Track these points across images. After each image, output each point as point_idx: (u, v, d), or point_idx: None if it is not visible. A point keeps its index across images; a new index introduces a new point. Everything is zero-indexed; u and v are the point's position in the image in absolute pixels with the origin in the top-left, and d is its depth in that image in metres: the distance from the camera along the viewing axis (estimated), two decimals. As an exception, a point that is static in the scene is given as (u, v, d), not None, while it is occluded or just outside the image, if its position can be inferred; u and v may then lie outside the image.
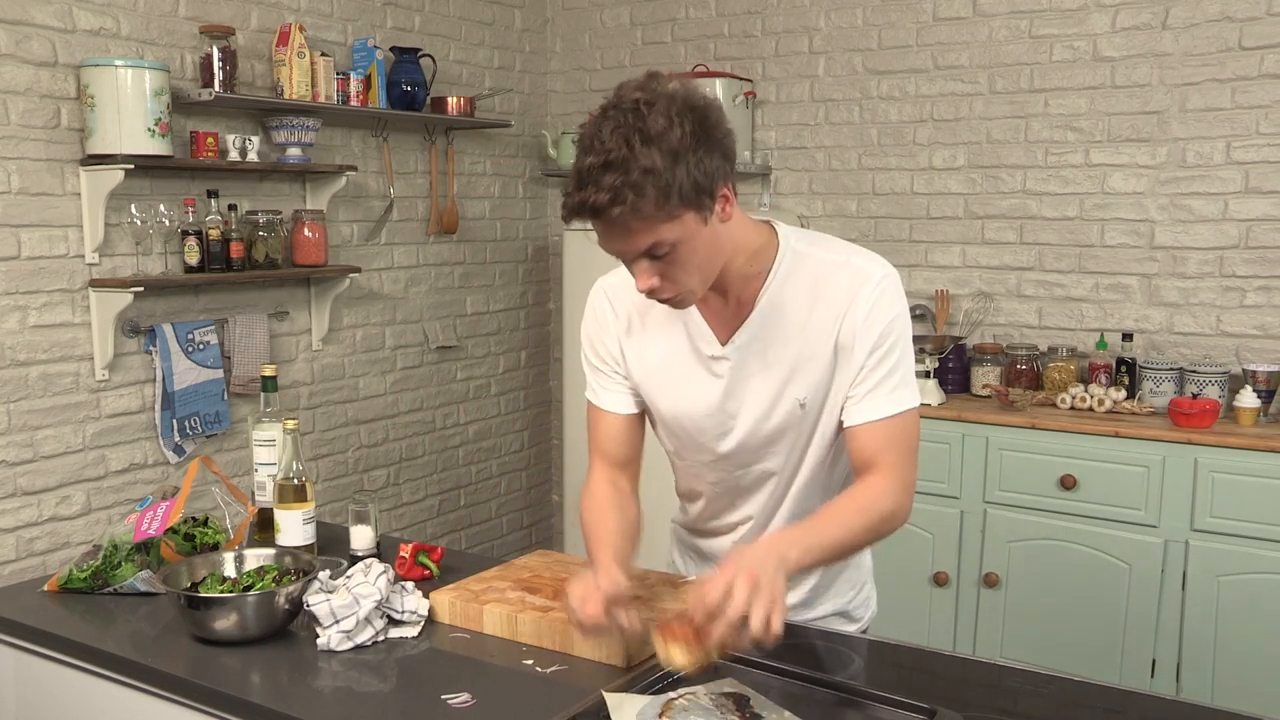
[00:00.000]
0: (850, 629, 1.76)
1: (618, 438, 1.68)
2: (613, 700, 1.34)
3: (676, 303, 1.47)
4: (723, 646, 1.31)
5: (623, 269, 1.50)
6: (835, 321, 1.50)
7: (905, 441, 1.52)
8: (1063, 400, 3.25)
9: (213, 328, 3.23)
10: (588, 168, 1.33)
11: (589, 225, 1.39)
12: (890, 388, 1.50)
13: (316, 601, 1.58)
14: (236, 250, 3.17)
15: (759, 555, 1.34)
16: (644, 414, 1.69)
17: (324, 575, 1.65)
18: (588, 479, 1.70)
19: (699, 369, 1.58)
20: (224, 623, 1.57)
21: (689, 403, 1.60)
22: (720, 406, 1.58)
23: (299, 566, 1.72)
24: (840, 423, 1.54)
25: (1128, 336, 3.36)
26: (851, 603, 1.78)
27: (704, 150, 1.34)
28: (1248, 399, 3.03)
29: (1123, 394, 3.20)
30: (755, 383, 1.55)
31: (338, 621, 1.57)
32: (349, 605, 1.57)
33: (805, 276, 1.53)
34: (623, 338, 1.63)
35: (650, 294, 1.44)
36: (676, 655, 1.31)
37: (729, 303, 1.55)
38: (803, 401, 1.54)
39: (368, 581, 1.61)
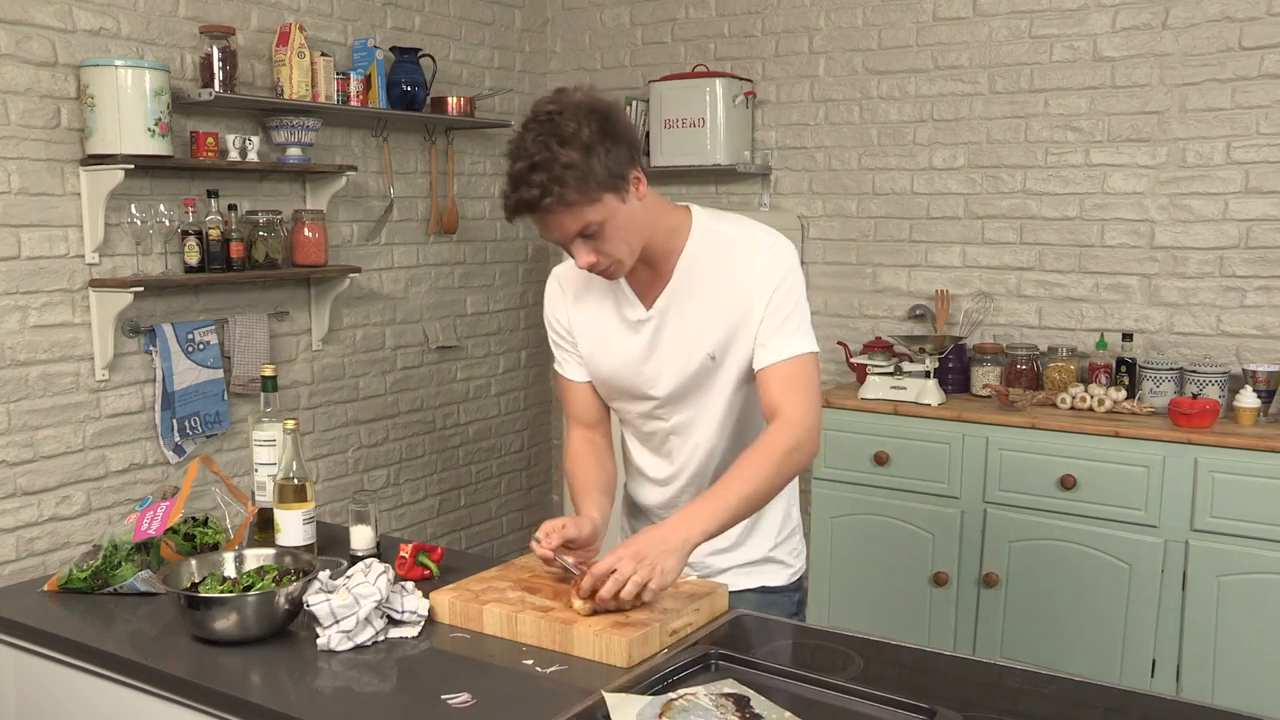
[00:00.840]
0: (784, 576, 1.93)
1: (584, 401, 1.93)
2: (613, 700, 1.34)
3: (611, 273, 1.71)
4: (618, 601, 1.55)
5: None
6: (738, 283, 1.75)
7: (803, 379, 1.76)
8: (1063, 400, 3.25)
9: (213, 328, 3.23)
10: (518, 172, 1.59)
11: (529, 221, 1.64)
12: (787, 334, 1.74)
13: (316, 601, 1.58)
14: (236, 250, 3.17)
15: (658, 535, 1.59)
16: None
17: (324, 575, 1.65)
18: (567, 441, 1.98)
19: (626, 331, 1.82)
20: (224, 623, 1.57)
21: (620, 361, 1.84)
22: (645, 361, 1.81)
23: (299, 566, 1.72)
24: (749, 371, 1.77)
25: (1128, 336, 3.36)
26: (776, 550, 1.92)
27: (610, 142, 1.59)
28: (1248, 399, 3.03)
29: (1123, 394, 3.20)
30: (673, 340, 1.79)
31: (338, 621, 1.57)
32: (349, 605, 1.57)
33: (714, 248, 1.77)
34: (571, 313, 1.89)
35: (590, 269, 1.69)
36: (577, 604, 1.58)
37: (652, 274, 1.79)
38: (713, 354, 1.77)
39: (368, 581, 1.61)
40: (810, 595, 3.61)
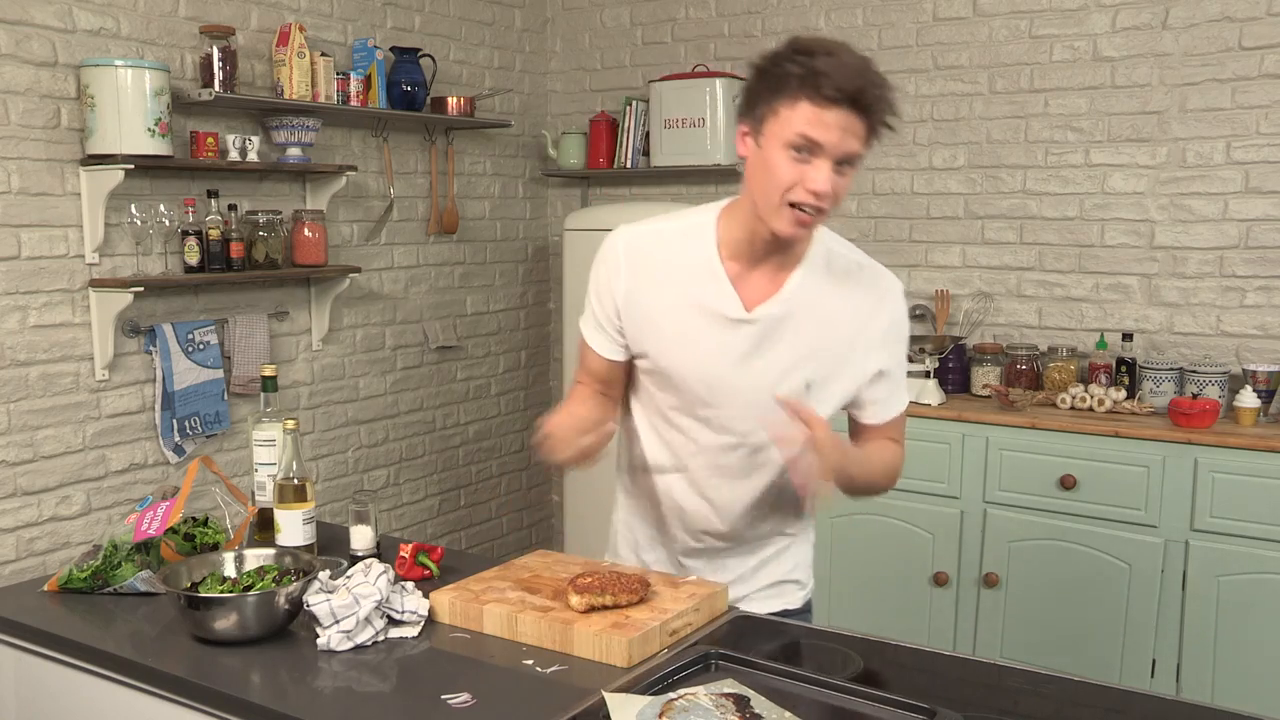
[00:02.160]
0: (799, 599, 1.87)
1: (603, 373, 1.75)
2: (613, 700, 1.34)
3: (815, 223, 1.55)
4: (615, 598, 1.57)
5: (646, 223, 1.69)
6: (863, 320, 1.65)
7: (903, 427, 1.78)
8: (1063, 400, 3.25)
9: (213, 328, 3.23)
10: (862, 66, 1.50)
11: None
12: (903, 389, 1.74)
13: (316, 601, 1.58)
14: (236, 250, 3.17)
15: (838, 446, 1.53)
16: (628, 366, 1.74)
17: (324, 575, 1.65)
18: (568, 397, 1.79)
19: (717, 329, 1.63)
20: (224, 623, 1.57)
21: (701, 358, 1.64)
22: (733, 368, 1.64)
23: (299, 566, 1.72)
24: (825, 409, 1.65)
25: (1128, 336, 3.36)
26: (797, 569, 1.87)
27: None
28: (1248, 399, 3.03)
29: (1123, 394, 3.20)
30: (772, 354, 1.63)
31: (338, 621, 1.57)
32: (349, 605, 1.57)
33: (836, 270, 1.66)
34: (630, 288, 1.67)
35: (818, 199, 1.51)
36: (573, 599, 1.58)
37: (760, 274, 1.63)
38: (809, 383, 1.64)
39: (368, 581, 1.61)
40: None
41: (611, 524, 1.96)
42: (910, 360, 3.46)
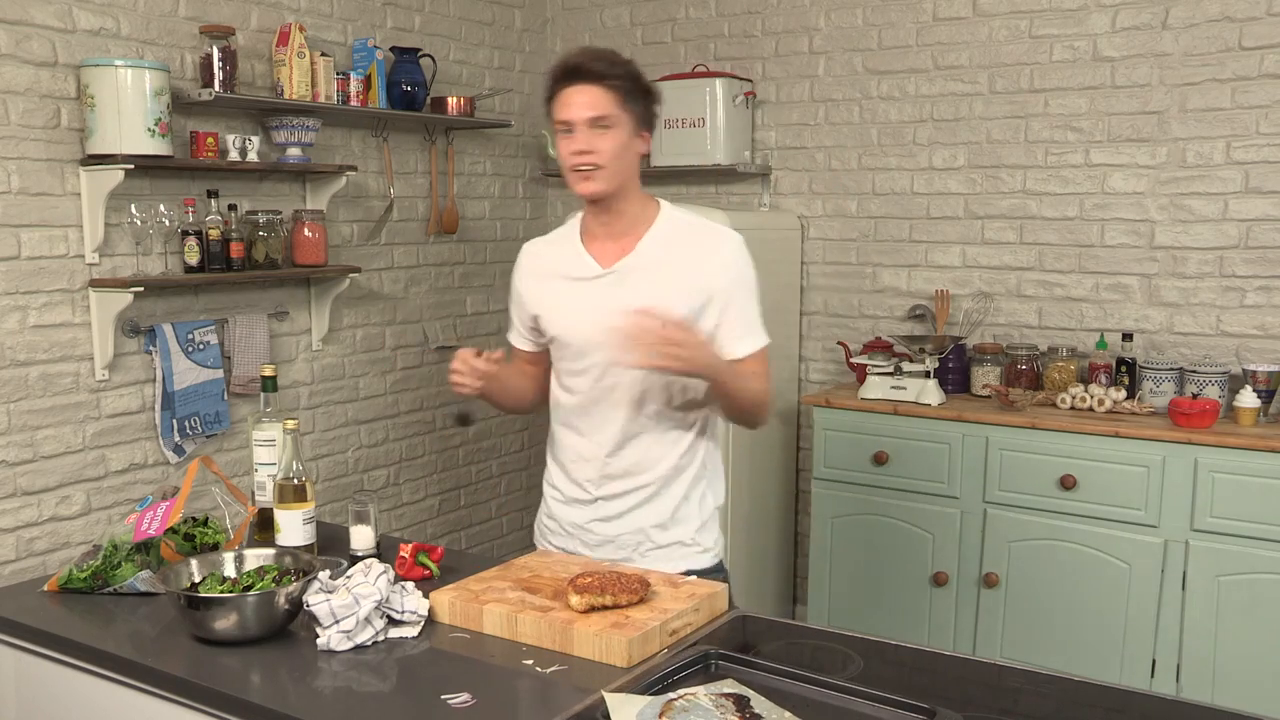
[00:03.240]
0: (706, 560, 2.02)
1: (524, 359, 2.16)
2: (613, 700, 1.34)
3: (589, 175, 1.88)
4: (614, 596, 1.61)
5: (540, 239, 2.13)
6: (705, 263, 1.94)
7: (763, 368, 2.00)
8: (1063, 400, 3.25)
9: (213, 328, 3.23)
10: (594, 50, 1.93)
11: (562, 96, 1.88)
12: (754, 329, 1.98)
13: (316, 601, 1.58)
14: (236, 250, 3.17)
15: (698, 340, 1.80)
16: (543, 354, 2.12)
17: (324, 575, 1.65)
18: None
19: (582, 286, 1.98)
20: (224, 623, 1.57)
21: (574, 313, 1.99)
22: (600, 316, 1.92)
23: (299, 566, 1.72)
24: None
25: (1128, 336, 3.36)
26: (699, 534, 2.02)
27: (648, 101, 1.93)
28: (1248, 399, 3.03)
29: (1123, 394, 3.20)
30: (630, 300, 1.89)
31: (338, 621, 1.57)
32: (349, 605, 1.57)
33: (680, 230, 1.99)
34: (529, 283, 2.10)
35: (579, 158, 1.88)
36: (573, 599, 1.59)
37: (616, 241, 1.98)
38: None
39: (368, 581, 1.61)
40: (810, 595, 3.62)
41: (537, 519, 2.21)
42: (910, 360, 3.47)
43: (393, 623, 1.64)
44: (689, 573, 1.96)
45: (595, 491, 2.02)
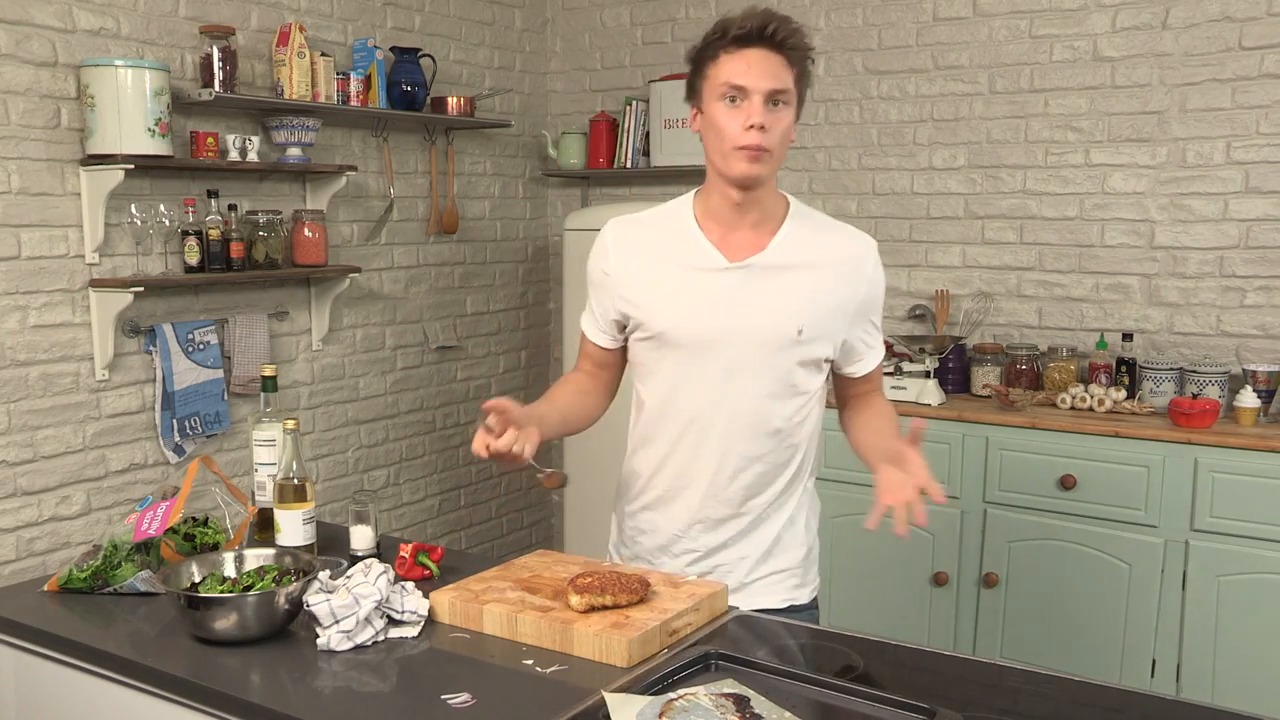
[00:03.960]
0: (806, 594, 1.98)
1: (596, 358, 1.91)
2: (613, 700, 1.34)
3: (760, 156, 1.66)
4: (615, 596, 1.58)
5: (632, 214, 1.84)
6: (848, 271, 1.80)
7: (882, 372, 1.96)
8: (1063, 400, 3.25)
9: (213, 328, 3.23)
10: (765, 13, 1.67)
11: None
12: (880, 341, 1.92)
13: (316, 601, 1.58)
14: (236, 250, 3.17)
15: (908, 459, 1.65)
16: (620, 352, 1.89)
17: (324, 575, 1.65)
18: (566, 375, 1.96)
19: (704, 278, 1.74)
20: (224, 623, 1.57)
21: (691, 307, 1.74)
22: (724, 314, 1.73)
23: (299, 566, 1.72)
24: (815, 364, 1.79)
25: (1128, 336, 3.36)
26: (808, 558, 2.00)
27: (809, 80, 1.73)
28: (1248, 399, 3.03)
29: (1123, 394, 3.20)
30: (761, 301, 1.73)
31: (338, 621, 1.57)
32: (349, 605, 1.57)
33: (814, 230, 1.81)
34: (619, 265, 1.80)
35: (750, 136, 1.64)
36: (573, 599, 1.57)
37: (739, 234, 1.75)
38: (801, 329, 1.74)
39: (368, 581, 1.61)
40: (810, 595, 3.61)
41: (614, 530, 2.02)
42: (910, 360, 3.47)
43: (393, 623, 1.64)
44: (792, 608, 1.89)
45: (693, 517, 1.84)
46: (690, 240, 1.77)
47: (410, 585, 1.70)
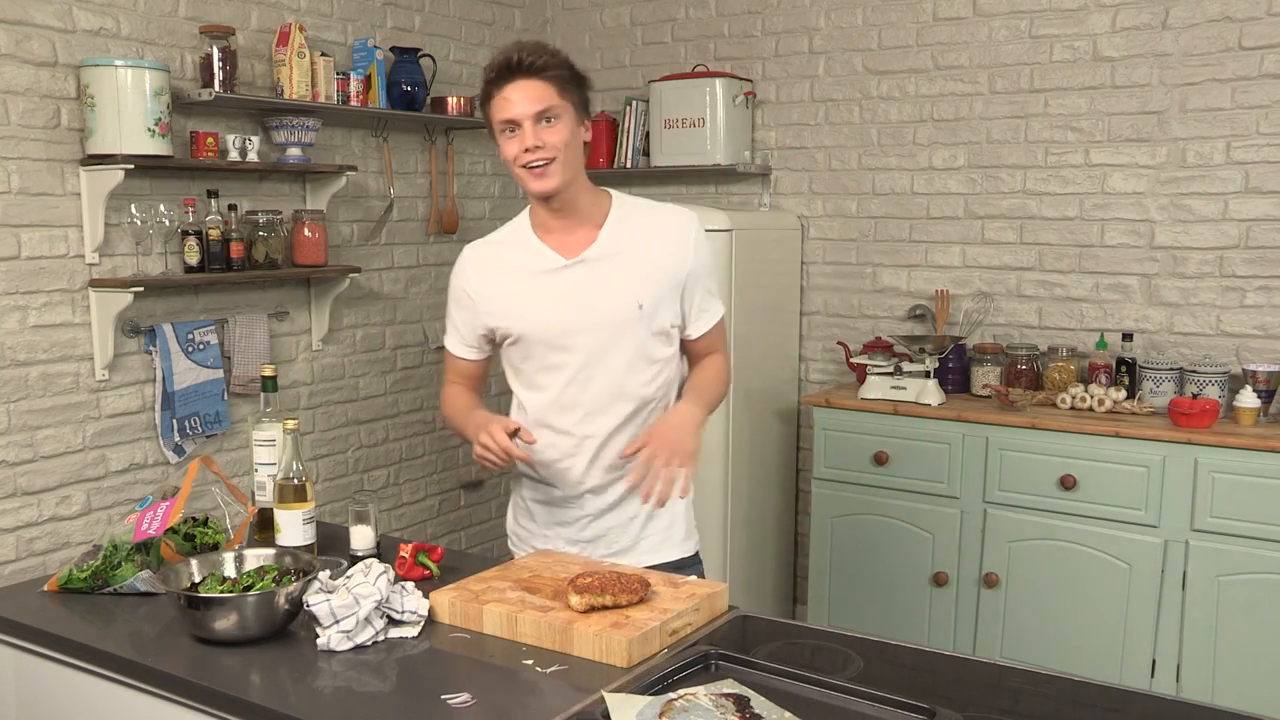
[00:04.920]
0: (690, 544, 2.09)
1: (468, 371, 2.11)
2: (613, 700, 1.34)
3: (544, 171, 1.86)
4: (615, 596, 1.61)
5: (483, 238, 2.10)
6: (672, 243, 1.97)
7: (724, 334, 2.09)
8: (1063, 400, 3.25)
9: (213, 328, 3.23)
10: (524, 44, 1.86)
11: (504, 104, 1.85)
12: (716, 303, 2.05)
13: (316, 601, 1.58)
14: (236, 250, 3.17)
15: (673, 422, 1.86)
16: (487, 360, 2.10)
17: (324, 575, 1.65)
18: (444, 391, 2.14)
19: (548, 280, 1.95)
20: (224, 623, 1.57)
21: (543, 309, 1.95)
22: (572, 309, 1.93)
23: (299, 566, 1.72)
24: (665, 334, 1.97)
25: (1128, 336, 3.36)
26: (687, 512, 2.10)
27: (584, 89, 1.92)
28: (1248, 399, 3.03)
29: (1123, 394, 3.20)
30: (600, 287, 1.93)
31: (338, 621, 1.57)
32: (349, 605, 1.57)
33: (639, 215, 2.01)
34: (479, 285, 2.03)
35: (529, 155, 1.85)
36: (573, 599, 1.59)
37: (572, 233, 1.96)
38: (641, 304, 1.93)
39: (368, 581, 1.61)
40: (810, 595, 3.62)
41: (507, 525, 2.18)
42: (910, 360, 3.47)
43: (393, 623, 1.64)
44: (685, 559, 2.06)
45: (583, 486, 2.00)
46: (532, 249, 1.98)
47: (410, 585, 1.70)
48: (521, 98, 1.84)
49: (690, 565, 2.08)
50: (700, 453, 1.85)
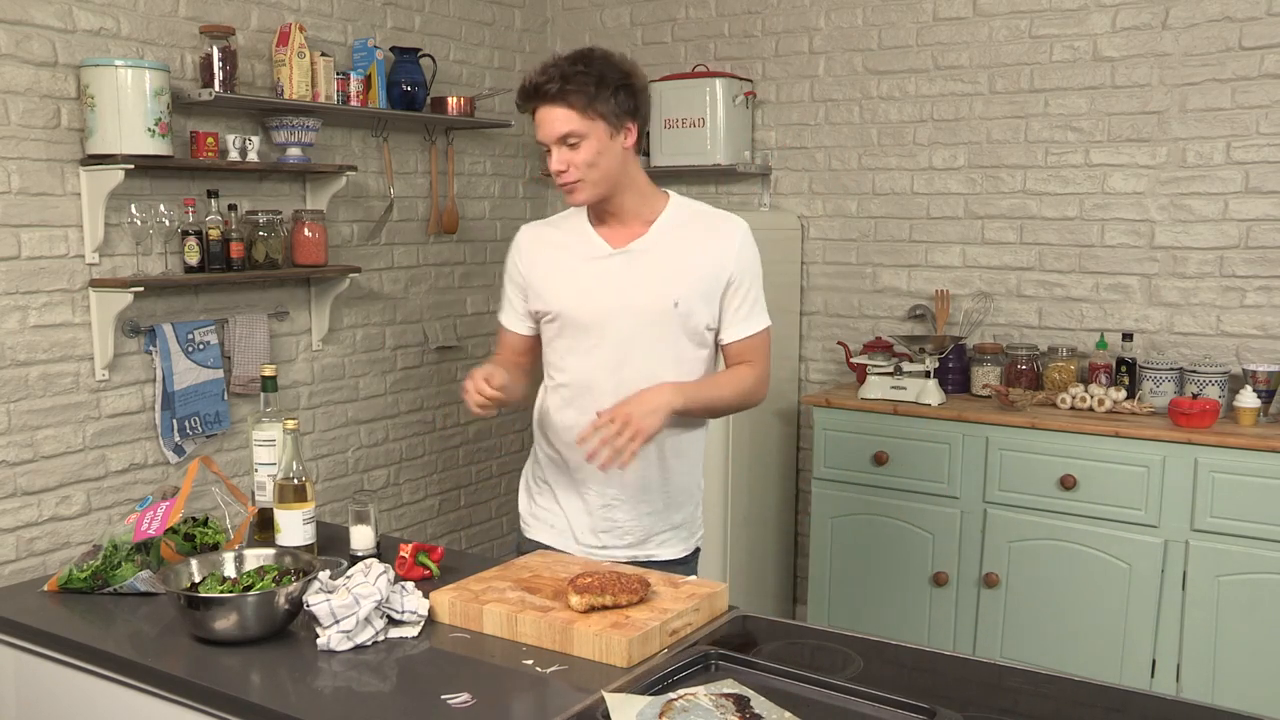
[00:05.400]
0: (693, 541, 2.13)
1: (514, 346, 2.13)
2: (613, 700, 1.34)
3: (575, 190, 1.92)
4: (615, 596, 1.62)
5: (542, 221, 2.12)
6: (715, 246, 1.98)
7: (764, 348, 2.06)
8: (1063, 400, 3.25)
9: (213, 328, 3.23)
10: (541, 65, 1.93)
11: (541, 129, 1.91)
12: (758, 312, 2.04)
13: (316, 601, 1.58)
14: (236, 250, 3.17)
15: (643, 398, 1.84)
16: (535, 340, 2.11)
17: (324, 575, 1.65)
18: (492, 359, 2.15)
19: (592, 264, 1.99)
20: (224, 623, 1.57)
21: (584, 289, 1.99)
22: (611, 294, 1.97)
23: (299, 566, 1.72)
24: (701, 335, 1.99)
25: (1128, 336, 3.36)
26: (697, 510, 2.14)
27: (623, 90, 1.90)
28: (1248, 399, 3.03)
29: (1123, 394, 3.20)
30: (643, 278, 1.96)
31: (338, 621, 1.57)
32: (349, 605, 1.57)
33: (692, 217, 2.03)
34: (530, 260, 2.07)
35: (558, 176, 1.92)
36: (573, 599, 1.60)
37: (625, 229, 2.00)
38: (678, 302, 1.95)
39: (368, 582, 1.61)
40: (810, 595, 3.62)
41: (520, 511, 2.28)
42: (910, 360, 3.47)
43: (393, 623, 1.64)
44: (689, 555, 2.10)
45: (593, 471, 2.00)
46: (584, 235, 2.03)
47: (410, 585, 1.70)
48: (547, 123, 1.90)
49: (694, 560, 2.13)
50: (656, 433, 1.84)
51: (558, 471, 2.12)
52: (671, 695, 1.35)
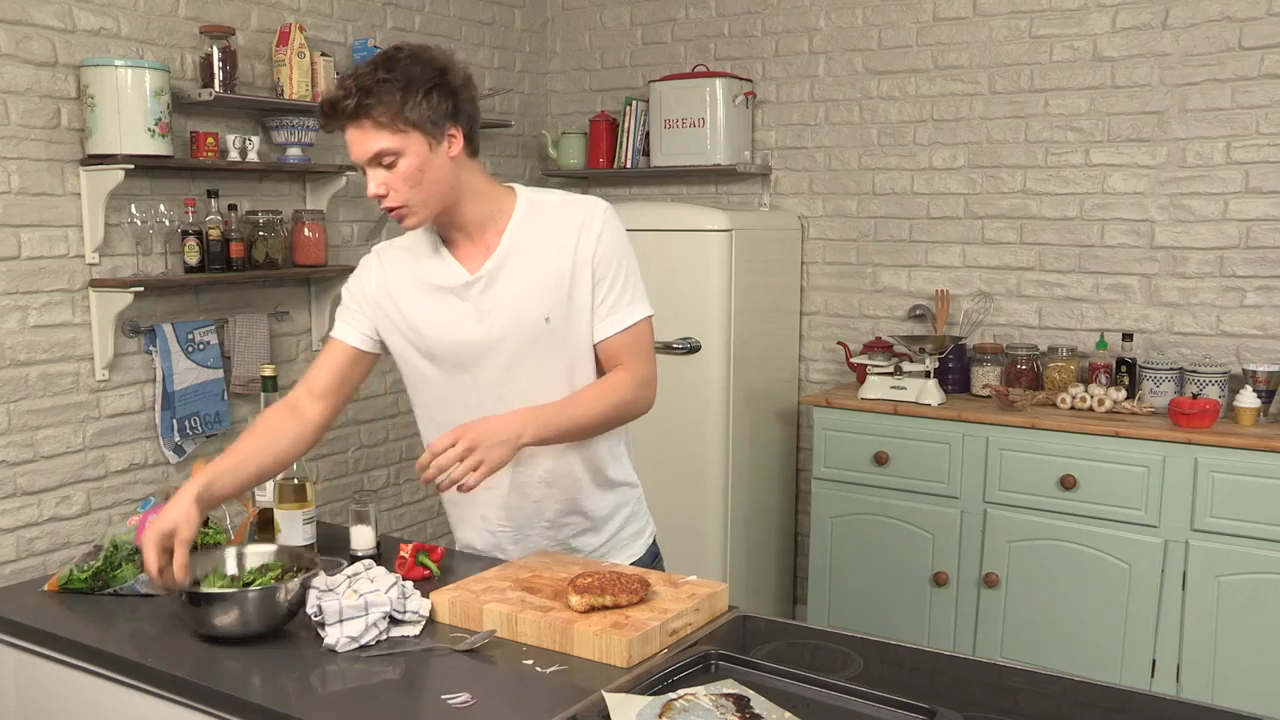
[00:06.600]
0: (644, 544, 1.98)
1: (331, 365, 1.87)
2: (613, 700, 1.34)
3: (402, 216, 1.70)
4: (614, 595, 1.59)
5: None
6: (571, 243, 1.77)
7: (641, 343, 1.82)
8: (1063, 400, 3.25)
9: (213, 328, 3.23)
10: (339, 81, 1.69)
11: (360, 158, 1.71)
12: (624, 304, 1.80)
13: (325, 601, 1.58)
14: (236, 250, 3.17)
15: (492, 426, 1.63)
16: (373, 357, 1.91)
17: (326, 576, 1.65)
18: (264, 410, 1.90)
19: (451, 297, 1.78)
20: (225, 619, 1.57)
21: (448, 328, 1.79)
22: (478, 324, 1.77)
23: (301, 564, 1.72)
24: (585, 343, 1.79)
25: (1128, 336, 3.36)
26: (635, 517, 1.98)
27: (437, 91, 1.65)
28: (1248, 399, 3.03)
29: (1123, 394, 3.20)
30: (505, 303, 1.76)
31: (341, 622, 1.57)
32: (358, 608, 1.57)
33: (541, 216, 1.80)
34: (400, 289, 1.83)
35: (379, 202, 1.70)
36: (573, 599, 1.57)
37: (474, 245, 1.79)
38: (548, 317, 1.77)
39: (378, 590, 1.61)
40: (810, 595, 3.62)
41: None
42: (910, 360, 3.47)
43: (393, 622, 1.64)
44: (647, 553, 1.99)
45: (501, 503, 1.89)
46: (437, 260, 1.81)
47: (410, 585, 1.70)
48: (351, 143, 1.70)
49: (655, 559, 2.01)
50: (502, 465, 1.64)
51: (450, 503, 1.99)
52: (671, 695, 1.35)
